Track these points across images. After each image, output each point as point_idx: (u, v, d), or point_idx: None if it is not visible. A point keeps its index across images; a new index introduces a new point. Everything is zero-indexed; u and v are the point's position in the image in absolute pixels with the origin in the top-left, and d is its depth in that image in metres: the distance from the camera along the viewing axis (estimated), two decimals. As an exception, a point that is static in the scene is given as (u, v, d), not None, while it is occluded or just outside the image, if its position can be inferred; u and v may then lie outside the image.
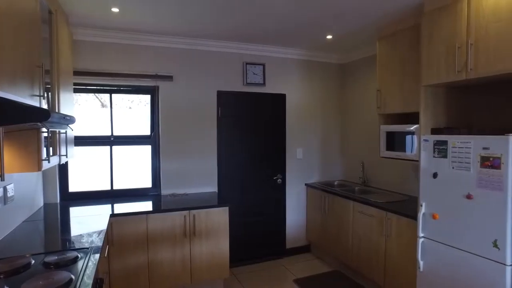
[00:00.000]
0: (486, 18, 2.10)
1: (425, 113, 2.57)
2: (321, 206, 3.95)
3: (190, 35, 3.49)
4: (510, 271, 1.98)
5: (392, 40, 3.10)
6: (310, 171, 4.35)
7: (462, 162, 2.19)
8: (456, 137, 2.23)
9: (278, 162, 4.14)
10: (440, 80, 2.40)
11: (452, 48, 2.31)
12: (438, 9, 2.43)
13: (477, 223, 2.12)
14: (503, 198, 1.97)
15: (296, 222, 4.29)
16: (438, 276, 2.38)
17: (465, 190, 2.18)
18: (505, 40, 2.00)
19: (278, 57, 4.09)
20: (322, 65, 4.39)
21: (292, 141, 4.21)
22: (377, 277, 3.13)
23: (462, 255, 2.21)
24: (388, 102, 3.15)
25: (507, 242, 1.97)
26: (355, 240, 3.40)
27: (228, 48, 3.81)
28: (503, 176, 1.97)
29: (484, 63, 2.11)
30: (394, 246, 2.92)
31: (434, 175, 2.38)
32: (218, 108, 3.82)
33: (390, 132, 3.12)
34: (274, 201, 4.15)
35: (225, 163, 3.88)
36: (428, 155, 2.42)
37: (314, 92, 4.35)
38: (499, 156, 1.99)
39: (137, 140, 3.60)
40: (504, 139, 1.96)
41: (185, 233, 3.08)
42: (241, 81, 3.91)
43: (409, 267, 2.75)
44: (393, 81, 3.10)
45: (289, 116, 4.18)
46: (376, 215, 3.09)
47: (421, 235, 2.48)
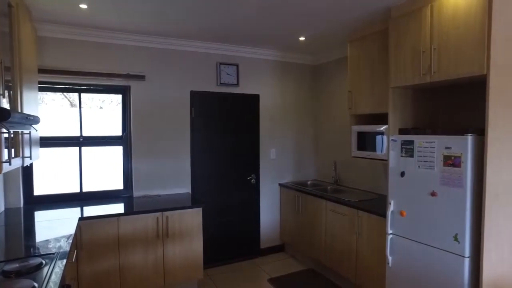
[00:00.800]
0: (447, 25, 2.21)
1: (394, 114, 2.67)
2: (295, 205, 4.01)
3: (163, 34, 3.44)
4: (468, 263, 2.10)
5: (362, 43, 3.19)
6: (283, 171, 4.40)
7: (427, 161, 2.29)
8: (422, 137, 2.33)
9: (252, 163, 4.16)
10: (407, 82, 2.50)
11: (417, 52, 2.41)
12: (404, 15, 2.53)
13: (440, 218, 2.22)
14: (463, 195, 2.08)
15: (270, 222, 4.32)
16: (405, 270, 2.47)
17: (430, 188, 2.28)
18: (463, 46, 2.11)
19: (251, 57, 4.11)
20: (295, 66, 4.45)
21: (265, 142, 4.24)
22: (349, 274, 3.21)
23: (427, 249, 2.31)
24: (359, 103, 3.24)
25: (466, 236, 2.08)
26: (328, 238, 3.48)
27: (202, 48, 3.79)
28: (463, 174, 2.07)
29: (446, 67, 2.22)
30: (365, 243, 3.00)
31: (401, 174, 2.47)
32: (191, 109, 3.78)
33: (361, 132, 3.21)
34: (248, 202, 4.16)
35: (198, 164, 3.85)
36: (396, 154, 2.52)
37: (287, 93, 4.40)
38: (459, 155, 2.10)
39: (108, 140, 3.50)
40: (464, 139, 2.07)
41: (158, 235, 3.03)
42: (215, 82, 3.90)
43: (379, 263, 2.84)
44: (363, 82, 3.19)
45: (262, 116, 4.21)
46: (348, 213, 3.17)
47: (389, 232, 2.57)
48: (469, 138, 2.06)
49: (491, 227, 2.07)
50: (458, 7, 2.14)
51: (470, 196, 2.07)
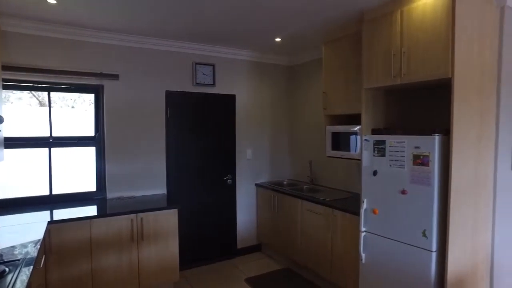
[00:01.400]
0: (415, 29, 2.30)
1: (367, 115, 2.74)
2: (271, 205, 4.04)
3: (137, 33, 3.37)
4: (435, 256, 2.19)
5: (337, 45, 3.25)
6: (260, 171, 4.42)
7: (398, 160, 2.38)
8: (393, 137, 2.41)
9: (228, 163, 4.15)
10: (379, 84, 2.58)
11: (388, 55, 2.49)
12: (376, 18, 2.60)
13: (410, 215, 2.31)
14: (431, 192, 2.17)
15: (246, 222, 4.33)
16: (378, 266, 2.55)
17: (401, 186, 2.37)
18: (430, 50, 2.21)
19: (228, 57, 4.10)
20: (271, 67, 4.48)
21: (242, 142, 4.24)
22: (324, 272, 3.27)
23: (397, 245, 2.39)
24: (334, 104, 3.31)
25: (433, 231, 2.18)
26: (304, 237, 3.52)
27: (177, 48, 3.74)
28: (431, 172, 2.17)
29: (415, 69, 2.31)
30: (340, 241, 3.07)
31: (374, 173, 2.55)
32: (166, 109, 3.73)
33: (336, 132, 3.28)
34: (225, 202, 4.15)
35: (174, 164, 3.80)
36: (369, 154, 2.59)
37: (264, 93, 4.43)
38: (427, 154, 2.19)
39: (80, 141, 3.40)
40: (431, 138, 2.17)
41: (133, 238, 2.96)
42: (191, 81, 3.87)
43: (353, 260, 2.91)
44: (337, 83, 3.26)
45: (239, 117, 4.21)
46: (323, 212, 3.23)
47: (363, 229, 2.64)
48: (436, 138, 2.16)
49: (455, 222, 2.18)
50: (426, 13, 2.23)
51: (437, 194, 2.17)
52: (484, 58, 2.35)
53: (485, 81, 2.37)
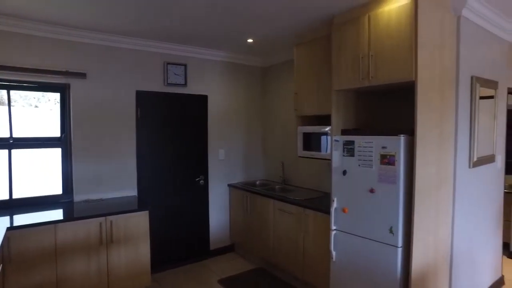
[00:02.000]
0: (382, 34, 2.39)
1: (336, 116, 2.82)
2: (244, 205, 4.05)
3: (106, 30, 3.27)
4: (401, 252, 2.29)
5: (308, 47, 3.32)
6: (232, 172, 4.42)
7: (366, 160, 2.46)
8: (361, 137, 2.50)
9: (201, 163, 4.12)
10: (348, 86, 2.66)
11: (357, 58, 2.57)
12: (345, 22, 2.68)
13: (377, 213, 2.40)
14: (397, 191, 2.27)
15: (219, 222, 4.32)
16: (348, 263, 2.63)
17: (369, 185, 2.45)
18: (396, 54, 2.30)
19: (200, 58, 4.07)
20: (244, 68, 4.50)
21: (214, 142, 4.22)
22: (296, 270, 3.32)
23: (366, 242, 2.48)
24: (305, 105, 3.37)
25: (399, 228, 2.27)
26: (276, 237, 3.56)
27: (148, 47, 3.67)
28: (397, 171, 2.26)
29: (381, 72, 2.40)
30: (311, 240, 3.13)
31: (344, 173, 2.62)
32: (137, 109, 3.65)
33: (307, 133, 3.35)
34: (197, 203, 4.12)
35: (145, 165, 3.72)
36: (339, 154, 2.66)
37: (236, 94, 4.43)
38: (393, 154, 2.28)
39: (44, 142, 3.25)
40: (397, 139, 2.26)
41: (101, 242, 2.87)
42: (162, 81, 3.80)
43: (324, 258, 2.97)
44: (308, 85, 3.32)
45: (211, 117, 4.19)
46: (295, 212, 3.28)
47: (333, 228, 2.71)
48: (401, 138, 2.25)
49: (419, 218, 2.29)
50: (391, 19, 2.33)
51: (402, 192, 2.26)
52: (444, 62, 2.48)
53: (445, 84, 2.50)
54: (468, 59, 2.73)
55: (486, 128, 3.06)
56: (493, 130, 3.19)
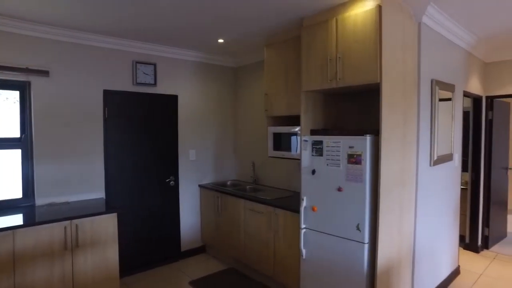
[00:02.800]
0: (349, 37, 2.47)
1: (306, 116, 2.88)
2: (215, 206, 4.03)
3: (71, 27, 3.14)
4: (367, 248, 2.38)
5: (278, 48, 3.36)
6: (203, 172, 4.39)
7: (334, 160, 2.53)
8: (329, 137, 2.57)
9: (171, 164, 4.06)
10: (317, 87, 2.72)
11: (325, 60, 2.64)
12: (314, 25, 2.74)
13: (345, 211, 2.47)
14: (363, 189, 2.35)
15: (190, 223, 4.28)
16: (317, 260, 2.69)
17: (337, 184, 2.52)
18: (362, 57, 2.39)
19: (170, 57, 4.02)
20: (215, 68, 4.48)
21: (185, 143, 4.18)
22: (267, 269, 3.35)
23: (335, 239, 2.55)
24: (275, 105, 3.41)
25: (365, 225, 2.36)
26: (247, 236, 3.58)
27: (116, 45, 3.57)
28: (363, 170, 2.35)
29: (348, 74, 2.48)
30: (281, 238, 3.17)
31: (312, 172, 2.68)
32: (104, 108, 3.54)
33: (277, 133, 3.39)
34: (168, 204, 4.05)
35: (114, 167, 3.62)
36: (308, 154, 2.72)
37: (207, 94, 4.41)
38: (360, 154, 2.37)
39: (1, 143, 3.07)
40: (363, 139, 2.35)
41: (66, 247, 2.75)
42: (131, 81, 3.71)
43: (294, 257, 3.03)
44: (278, 85, 3.37)
45: (181, 117, 4.14)
46: (265, 211, 3.32)
47: (303, 226, 2.77)
48: (367, 138, 2.34)
49: (384, 215, 2.39)
50: (357, 23, 2.41)
51: (369, 190, 2.35)
52: (407, 66, 2.61)
53: (408, 86, 2.63)
54: (428, 63, 2.88)
55: (445, 128, 3.24)
56: (451, 130, 3.39)
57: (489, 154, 4.41)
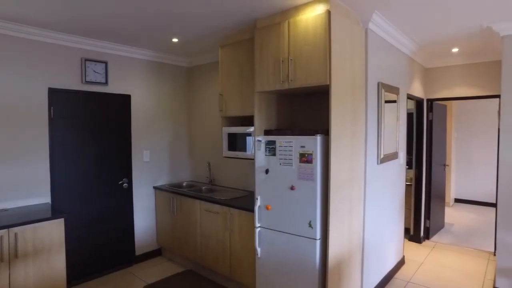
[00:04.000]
0: (300, 40, 2.54)
1: (259, 116, 2.92)
2: (170, 208, 3.96)
3: (11, 19, 2.91)
4: (319, 244, 2.47)
5: (232, 49, 3.37)
6: (158, 174, 4.29)
7: (287, 159, 2.60)
8: (282, 137, 2.63)
9: (124, 166, 3.92)
10: (270, 88, 2.77)
11: (277, 61, 2.69)
12: (267, 26, 2.79)
13: (298, 209, 2.54)
14: (314, 187, 2.44)
15: (145, 226, 4.16)
16: (272, 258, 2.74)
17: (290, 183, 2.59)
18: (312, 60, 2.47)
19: (123, 55, 3.88)
20: (170, 67, 4.40)
21: (138, 144, 4.06)
22: (224, 270, 3.35)
23: (288, 237, 2.61)
24: (229, 106, 3.42)
25: (317, 221, 2.45)
26: (203, 237, 3.56)
27: (63, 41, 3.38)
28: (314, 168, 2.43)
29: (300, 76, 2.55)
30: (237, 238, 3.19)
31: (266, 171, 2.73)
32: (50, 108, 3.33)
33: (232, 133, 3.40)
34: (121, 207, 3.91)
35: (61, 170, 3.41)
36: (261, 153, 2.76)
37: (162, 94, 4.32)
38: (311, 153, 2.45)
39: None
40: (314, 138, 2.43)
41: (3, 258, 2.54)
42: (79, 79, 3.53)
43: (250, 256, 3.06)
44: (233, 86, 3.38)
45: (135, 117, 4.02)
46: (221, 211, 3.32)
47: (257, 225, 2.81)
48: (318, 138, 2.43)
49: (334, 212, 2.49)
50: (308, 26, 2.49)
51: (319, 187, 2.44)
52: (355, 69, 2.74)
53: (356, 89, 2.76)
54: (375, 67, 3.05)
55: (391, 128, 3.45)
56: (396, 130, 3.61)
57: (430, 152, 4.76)
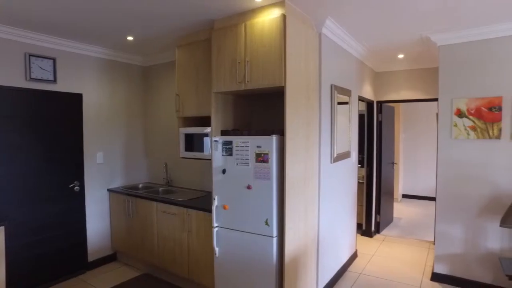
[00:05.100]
0: (256, 42, 2.60)
1: (216, 117, 2.93)
2: (125, 210, 3.84)
3: None
4: (276, 241, 2.54)
5: (189, 49, 3.35)
6: (113, 176, 4.14)
7: (243, 159, 2.64)
8: (239, 137, 2.66)
9: (75, 168, 3.74)
10: (226, 88, 2.80)
11: (234, 62, 2.73)
12: (224, 28, 2.81)
13: (254, 208, 2.59)
14: (270, 186, 2.50)
15: (99, 231, 3.99)
16: (230, 257, 2.76)
17: (246, 182, 2.63)
18: (268, 61, 2.53)
19: (74, 52, 3.70)
20: (125, 66, 4.27)
21: (91, 145, 3.89)
22: (182, 271, 3.32)
23: (246, 235, 2.66)
24: (186, 106, 3.39)
25: (273, 219, 2.51)
26: (161, 240, 3.50)
27: (5, 34, 3.14)
28: (270, 168, 2.50)
29: (256, 77, 2.61)
30: (195, 239, 3.18)
31: (223, 171, 2.75)
32: (-11, 106, 3.09)
33: (188, 134, 3.38)
34: (72, 212, 3.72)
35: (2, 173, 3.17)
36: (218, 154, 2.78)
37: (117, 94, 4.17)
38: (267, 152, 2.51)
39: None
40: (270, 139, 2.50)
41: None
42: (23, 76, 3.31)
43: (208, 256, 3.06)
44: (190, 86, 3.36)
45: (87, 117, 3.85)
46: (178, 212, 3.28)
47: (215, 225, 2.82)
48: (273, 138, 2.49)
49: (290, 210, 2.57)
50: (264, 29, 2.55)
51: (275, 186, 2.51)
52: (309, 71, 2.85)
53: (310, 90, 2.88)
54: (328, 69, 3.19)
55: (343, 129, 3.63)
56: (348, 130, 3.80)
57: (379, 151, 5.06)
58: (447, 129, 3.44)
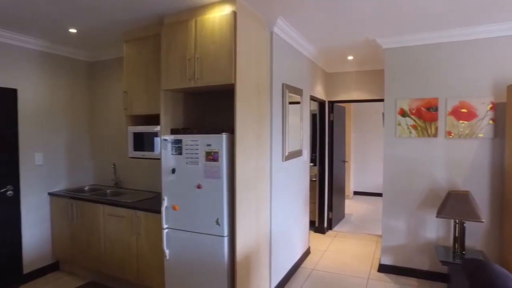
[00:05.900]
0: (207, 39, 2.55)
1: (165, 115, 2.83)
2: (69, 215, 3.59)
3: None
4: (227, 240, 2.51)
5: (138, 44, 3.21)
6: (55, 178, 3.85)
7: (193, 158, 2.57)
8: (188, 136, 2.59)
9: (8, 171, 3.41)
10: (176, 86, 2.71)
11: (184, 59, 2.65)
12: (174, 23, 2.73)
13: (205, 207, 2.54)
14: (221, 185, 2.46)
15: (38, 239, 3.68)
16: (181, 259, 2.68)
17: (196, 181, 2.57)
18: (218, 59, 2.49)
19: (6, 43, 3.38)
20: (68, 61, 3.99)
21: (28, 145, 3.58)
22: (131, 276, 3.17)
23: (196, 236, 2.59)
24: (135, 104, 3.24)
25: (224, 219, 2.48)
26: (108, 244, 3.31)
27: None
28: (220, 166, 2.46)
29: (206, 74, 2.56)
30: (144, 242, 3.05)
31: (173, 171, 2.66)
32: None
33: (138, 133, 3.24)
34: (4, 220, 3.38)
35: None
36: (168, 153, 2.69)
37: (58, 90, 3.89)
38: (217, 151, 2.47)
39: None
40: (220, 137, 2.46)
41: None
42: None
43: (158, 258, 2.95)
44: (138, 83, 3.21)
45: (23, 115, 3.53)
46: (126, 215, 3.13)
47: (165, 226, 2.72)
48: (223, 136, 2.46)
49: (241, 208, 2.55)
50: (215, 26, 2.51)
51: (226, 185, 2.47)
52: (261, 69, 2.85)
53: (262, 88, 2.88)
54: (280, 68, 3.22)
55: (295, 127, 3.68)
56: (300, 129, 3.87)
57: (331, 149, 5.22)
58: (392, 128, 3.63)
